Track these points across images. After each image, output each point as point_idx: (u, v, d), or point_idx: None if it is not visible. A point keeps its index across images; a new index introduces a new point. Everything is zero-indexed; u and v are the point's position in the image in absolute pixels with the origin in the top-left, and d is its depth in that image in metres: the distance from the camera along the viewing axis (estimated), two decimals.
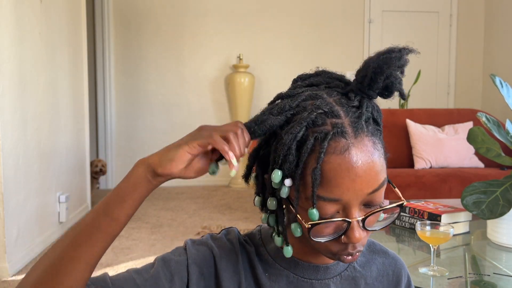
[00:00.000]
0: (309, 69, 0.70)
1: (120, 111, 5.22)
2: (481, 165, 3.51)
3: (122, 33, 5.15)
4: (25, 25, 2.81)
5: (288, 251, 0.65)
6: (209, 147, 0.59)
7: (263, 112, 0.64)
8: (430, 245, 1.38)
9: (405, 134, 3.63)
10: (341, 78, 0.66)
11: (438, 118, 3.76)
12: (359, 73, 0.62)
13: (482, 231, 1.83)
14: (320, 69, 0.68)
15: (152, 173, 0.60)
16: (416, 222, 1.57)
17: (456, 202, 2.08)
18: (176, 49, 5.22)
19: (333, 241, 0.61)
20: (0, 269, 2.52)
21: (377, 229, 0.64)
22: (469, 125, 3.61)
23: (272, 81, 5.23)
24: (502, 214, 1.51)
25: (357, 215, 0.60)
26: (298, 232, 0.62)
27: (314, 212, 0.59)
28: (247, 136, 0.61)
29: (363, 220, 0.60)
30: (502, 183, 1.56)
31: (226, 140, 0.59)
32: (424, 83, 5.14)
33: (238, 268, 0.69)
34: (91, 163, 4.28)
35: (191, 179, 0.61)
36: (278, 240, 0.66)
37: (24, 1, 2.80)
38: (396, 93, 0.62)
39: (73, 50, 3.76)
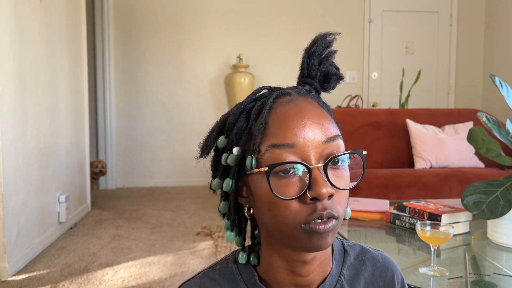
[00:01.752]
0: None
1: (120, 111, 5.22)
2: (481, 165, 3.50)
3: (122, 33, 5.15)
4: (25, 25, 2.81)
5: (230, 237, 0.64)
6: None
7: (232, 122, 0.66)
8: (430, 245, 1.38)
9: (405, 134, 3.63)
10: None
11: (438, 118, 3.76)
12: (300, 69, 0.66)
13: (482, 231, 1.83)
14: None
15: None
16: (416, 222, 1.57)
17: (456, 202, 2.08)
18: (176, 49, 5.22)
19: (299, 206, 0.57)
20: (0, 269, 2.52)
21: (345, 188, 0.59)
22: (469, 125, 3.61)
23: (272, 81, 5.22)
24: (502, 214, 1.51)
25: (318, 164, 0.57)
26: (228, 187, 0.62)
27: (252, 160, 0.58)
28: None
29: (325, 169, 0.57)
30: (502, 183, 1.55)
31: None
32: (424, 83, 5.14)
33: None
34: (91, 164, 4.28)
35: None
36: (229, 236, 0.65)
37: (24, 1, 2.80)
38: (334, 84, 0.66)
39: (73, 50, 3.76)
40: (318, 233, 0.57)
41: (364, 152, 0.60)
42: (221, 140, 0.63)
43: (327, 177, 0.57)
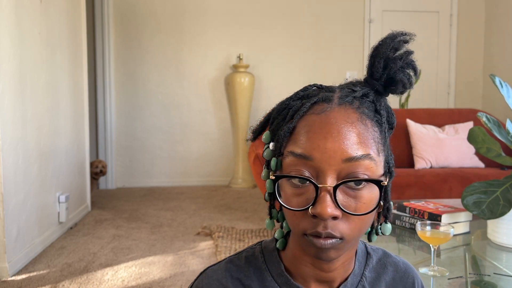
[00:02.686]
0: (309, 69, 0.71)
1: (120, 111, 5.22)
2: (481, 165, 3.50)
3: (122, 33, 5.15)
4: (25, 25, 2.81)
5: (269, 224, 0.65)
6: None
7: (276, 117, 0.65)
8: (430, 245, 1.38)
9: (405, 134, 3.63)
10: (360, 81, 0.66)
11: (438, 118, 3.76)
12: (367, 66, 0.63)
13: (482, 231, 1.83)
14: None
15: None
16: (416, 222, 1.57)
17: (456, 202, 2.08)
18: (176, 49, 5.22)
19: (303, 217, 0.57)
20: (0, 269, 2.52)
21: (356, 214, 0.56)
22: (470, 125, 3.61)
23: (272, 81, 5.23)
24: (502, 214, 1.51)
25: (329, 183, 0.55)
26: (270, 188, 0.62)
27: (275, 162, 0.59)
28: None
29: (335, 189, 0.55)
30: (502, 183, 1.55)
31: None
32: (424, 83, 5.14)
33: None
34: (91, 164, 4.28)
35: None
36: (268, 223, 0.66)
37: (24, 1, 2.80)
38: (405, 88, 0.61)
39: (73, 50, 3.76)
40: (317, 248, 0.57)
41: (383, 183, 0.57)
42: (265, 135, 0.63)
43: (335, 197, 0.55)
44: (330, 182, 0.55)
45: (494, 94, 5.04)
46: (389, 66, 0.60)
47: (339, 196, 0.55)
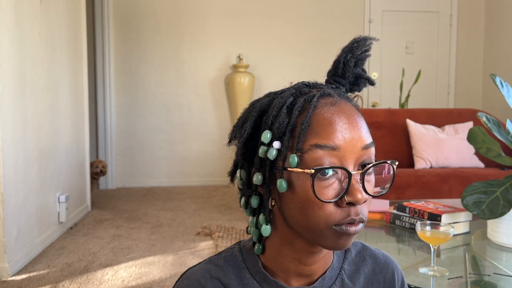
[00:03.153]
0: (309, 69, 0.72)
1: (120, 111, 5.22)
2: (481, 165, 3.50)
3: (122, 33, 5.15)
4: (25, 25, 2.81)
5: (267, 230, 0.63)
6: None
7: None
8: (430, 245, 1.38)
9: (405, 134, 3.63)
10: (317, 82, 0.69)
11: (438, 118, 3.76)
12: (333, 66, 0.68)
13: (482, 231, 1.83)
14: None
15: None
16: (416, 222, 1.57)
17: (456, 202, 2.08)
18: (176, 49, 5.22)
19: (335, 208, 0.58)
20: (0, 269, 2.52)
21: (376, 195, 0.62)
22: (469, 125, 3.61)
23: (272, 81, 5.23)
24: (502, 214, 1.51)
25: (354, 170, 0.59)
26: (283, 188, 0.59)
27: (294, 157, 0.58)
28: None
29: (362, 177, 0.59)
30: (502, 183, 1.55)
31: None
32: (424, 83, 5.14)
33: None
34: (92, 164, 4.28)
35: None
36: (266, 229, 0.64)
37: (24, 1, 2.80)
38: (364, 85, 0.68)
39: (73, 50, 3.76)
40: (348, 234, 0.59)
41: (397, 163, 0.64)
42: (265, 135, 0.61)
43: (363, 183, 0.59)
44: (353, 168, 0.59)
45: (494, 94, 5.04)
46: (357, 65, 0.66)
47: (364, 181, 0.59)
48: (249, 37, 5.27)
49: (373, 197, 0.62)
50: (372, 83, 0.67)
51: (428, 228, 1.40)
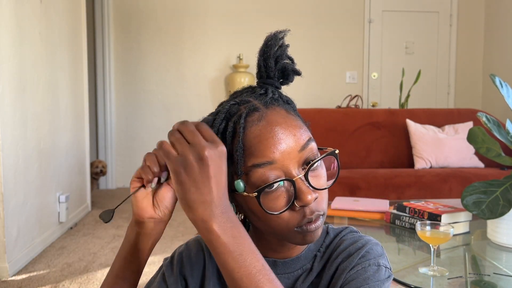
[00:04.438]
0: (309, 69, 0.71)
1: (120, 111, 5.22)
2: (481, 165, 3.50)
3: (122, 33, 5.15)
4: (25, 25, 2.81)
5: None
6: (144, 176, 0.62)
7: None
8: (430, 245, 1.38)
9: (405, 134, 3.63)
10: (250, 86, 0.70)
11: (438, 118, 3.76)
12: (257, 70, 0.69)
13: (482, 231, 1.83)
14: (232, 92, 0.73)
15: (135, 223, 0.65)
16: (416, 222, 1.57)
17: (456, 202, 2.08)
18: (176, 49, 5.22)
19: (290, 213, 0.61)
20: (0, 269, 2.52)
21: (325, 188, 0.64)
22: (469, 125, 3.61)
23: None
24: (502, 214, 1.51)
25: (298, 173, 0.61)
26: (238, 209, 0.65)
27: (239, 183, 0.61)
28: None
29: (306, 177, 0.61)
30: (502, 183, 1.55)
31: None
32: (424, 83, 5.14)
33: (204, 265, 0.73)
34: (92, 164, 4.28)
35: (169, 212, 0.64)
36: None
37: (24, 1, 2.80)
38: (293, 76, 0.68)
39: (73, 50, 3.76)
40: (310, 232, 0.63)
41: (337, 151, 0.65)
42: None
43: (309, 183, 0.61)
44: (297, 172, 0.61)
45: (494, 94, 5.04)
46: (278, 62, 0.67)
47: (310, 180, 0.62)
48: (249, 37, 5.27)
49: (326, 189, 0.64)
50: (298, 73, 0.68)
51: (428, 228, 1.40)
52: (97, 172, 4.28)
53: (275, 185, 0.60)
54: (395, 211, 1.90)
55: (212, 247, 0.56)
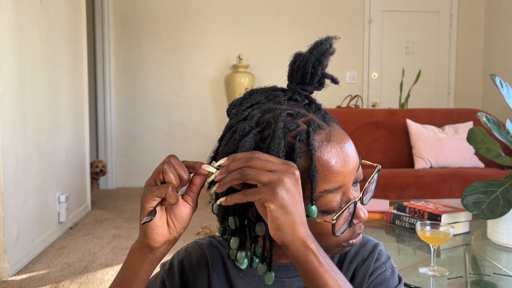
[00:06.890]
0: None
1: (120, 111, 5.22)
2: (481, 165, 3.50)
3: (122, 33, 5.15)
4: (25, 25, 2.81)
5: (271, 277, 0.62)
6: (162, 195, 0.57)
7: (222, 145, 0.64)
8: (430, 245, 1.38)
9: (405, 134, 3.63)
10: (274, 88, 0.68)
11: (438, 118, 3.76)
12: (293, 74, 0.64)
13: (482, 231, 1.83)
14: (249, 89, 0.70)
15: (148, 249, 0.60)
16: (416, 222, 1.57)
17: (456, 202, 2.08)
18: (176, 49, 5.22)
19: (346, 230, 0.63)
20: (0, 269, 2.52)
21: (368, 201, 0.66)
22: (469, 125, 3.61)
23: (272, 81, 5.18)
24: (502, 214, 1.51)
25: (356, 194, 0.62)
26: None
27: (314, 209, 0.57)
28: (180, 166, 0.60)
29: (362, 199, 0.63)
30: (502, 183, 1.55)
31: (164, 176, 0.58)
32: (424, 83, 5.14)
33: (209, 273, 0.71)
34: (92, 164, 4.28)
35: (186, 224, 0.62)
36: (261, 268, 0.63)
37: (24, 1, 2.80)
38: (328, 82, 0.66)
39: (73, 50, 3.76)
40: (355, 244, 0.65)
41: (380, 167, 0.67)
42: None
43: (362, 202, 0.63)
44: (355, 193, 0.62)
45: (494, 94, 5.04)
46: (322, 70, 0.63)
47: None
48: (249, 37, 5.27)
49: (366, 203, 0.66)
50: (335, 81, 0.64)
51: (428, 228, 1.40)
52: (97, 172, 4.28)
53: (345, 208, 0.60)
54: (395, 211, 1.90)
55: (312, 267, 0.53)
